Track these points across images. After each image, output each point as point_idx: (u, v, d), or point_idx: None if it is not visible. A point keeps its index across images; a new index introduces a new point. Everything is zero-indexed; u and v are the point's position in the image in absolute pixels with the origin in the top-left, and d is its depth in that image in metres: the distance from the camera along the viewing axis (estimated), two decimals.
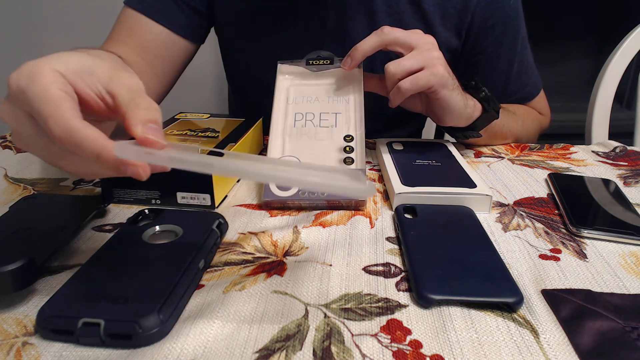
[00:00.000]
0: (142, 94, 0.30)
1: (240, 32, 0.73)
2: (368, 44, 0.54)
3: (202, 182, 0.46)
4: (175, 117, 0.62)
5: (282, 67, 0.60)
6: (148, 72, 0.66)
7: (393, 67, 0.52)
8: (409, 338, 0.31)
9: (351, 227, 0.45)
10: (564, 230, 0.45)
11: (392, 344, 0.30)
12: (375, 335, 0.31)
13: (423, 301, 0.33)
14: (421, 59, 0.52)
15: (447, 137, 0.73)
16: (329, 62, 0.59)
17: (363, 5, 0.67)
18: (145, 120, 0.29)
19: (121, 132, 0.31)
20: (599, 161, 0.63)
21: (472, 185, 0.49)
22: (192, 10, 0.69)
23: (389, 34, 0.53)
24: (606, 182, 0.55)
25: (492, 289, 0.34)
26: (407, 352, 0.29)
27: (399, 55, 0.54)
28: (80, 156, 0.29)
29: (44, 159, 0.31)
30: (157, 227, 0.41)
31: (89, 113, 0.31)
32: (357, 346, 0.30)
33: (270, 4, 0.69)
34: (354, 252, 0.41)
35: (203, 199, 0.47)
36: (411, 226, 0.43)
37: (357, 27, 0.68)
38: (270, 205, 0.49)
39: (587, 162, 0.63)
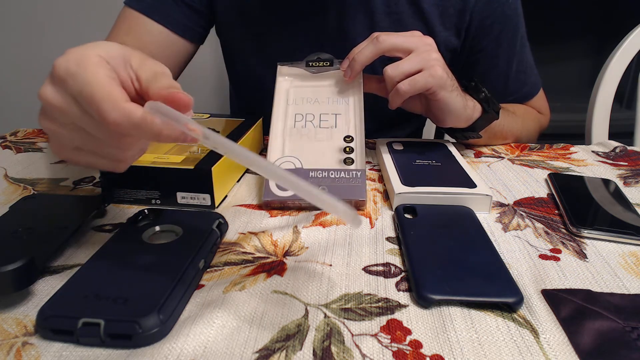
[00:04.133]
0: (166, 76, 0.32)
1: (240, 33, 0.73)
2: (365, 55, 0.53)
3: (202, 182, 0.46)
4: None
5: (281, 69, 0.60)
6: None
7: (391, 70, 0.52)
8: (409, 338, 0.31)
9: (351, 227, 0.45)
10: (564, 230, 0.45)
11: (392, 344, 0.30)
12: (375, 335, 0.31)
13: (423, 301, 0.33)
14: (419, 61, 0.52)
15: (447, 137, 0.73)
16: (328, 63, 0.59)
17: (362, 6, 0.67)
18: (166, 87, 0.30)
19: None
20: (599, 161, 0.63)
21: (472, 185, 0.49)
22: (191, 10, 0.69)
23: (385, 42, 0.53)
24: (606, 182, 0.55)
25: (492, 289, 0.34)
26: (407, 352, 0.29)
27: (398, 58, 0.54)
28: (122, 141, 0.31)
29: (79, 144, 0.32)
30: (157, 227, 0.41)
31: None
32: (357, 346, 0.30)
33: (271, 5, 0.70)
34: (354, 252, 0.41)
35: (203, 199, 0.47)
36: (411, 226, 0.43)
37: (356, 28, 0.69)
38: (270, 205, 0.49)
39: (587, 162, 0.63)
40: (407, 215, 0.45)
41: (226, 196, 0.51)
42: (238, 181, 0.55)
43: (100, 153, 0.33)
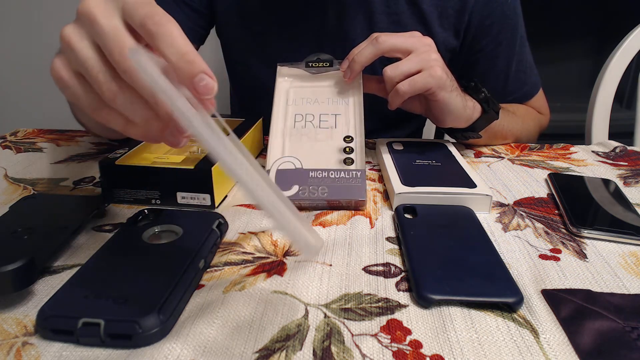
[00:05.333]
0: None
1: (240, 33, 0.73)
2: (365, 55, 0.53)
3: (202, 182, 0.46)
4: None
5: (281, 69, 0.60)
6: None
7: (390, 70, 0.52)
8: (409, 338, 0.31)
9: (351, 227, 0.45)
10: (564, 230, 0.45)
11: (392, 344, 0.30)
12: (375, 335, 0.31)
13: (423, 301, 0.33)
14: (418, 62, 0.52)
15: (447, 137, 0.73)
16: (328, 64, 0.59)
17: (362, 6, 0.67)
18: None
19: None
20: (599, 161, 0.63)
21: (472, 185, 0.49)
22: (191, 10, 0.69)
23: (384, 42, 0.53)
24: (606, 182, 0.55)
25: (492, 289, 0.34)
26: (407, 352, 0.29)
27: (398, 58, 0.54)
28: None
29: (85, 67, 0.31)
30: (157, 227, 0.41)
31: None
32: (357, 346, 0.30)
33: (270, 5, 0.70)
34: (354, 252, 0.41)
35: (203, 199, 0.47)
36: (411, 226, 0.43)
37: (356, 28, 0.69)
38: None
39: (587, 162, 0.63)
40: (407, 215, 0.45)
41: (226, 196, 0.51)
42: None
43: (96, 83, 0.31)
